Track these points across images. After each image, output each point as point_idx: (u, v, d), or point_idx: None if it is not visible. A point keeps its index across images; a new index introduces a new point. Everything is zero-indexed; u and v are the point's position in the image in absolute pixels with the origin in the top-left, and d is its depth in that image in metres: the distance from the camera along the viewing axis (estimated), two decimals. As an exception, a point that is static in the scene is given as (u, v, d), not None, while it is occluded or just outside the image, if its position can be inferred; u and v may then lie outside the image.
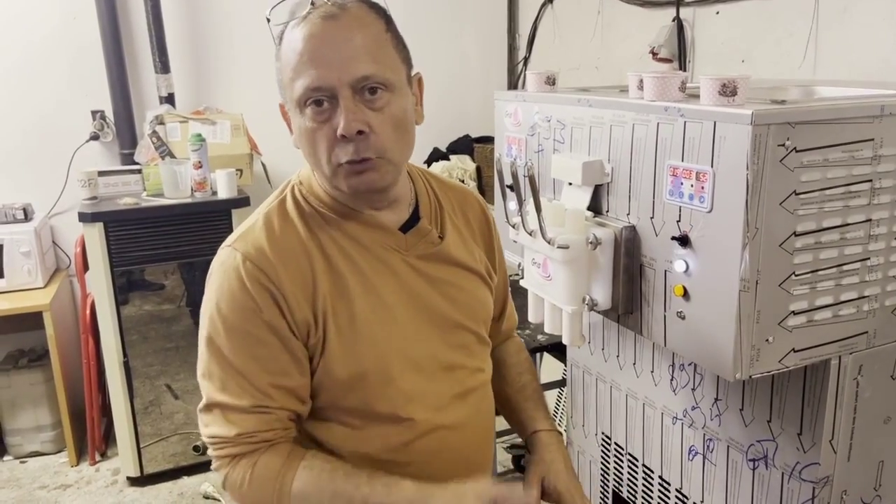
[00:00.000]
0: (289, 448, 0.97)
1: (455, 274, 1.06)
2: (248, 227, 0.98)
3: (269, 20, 0.93)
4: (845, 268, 1.10)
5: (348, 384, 0.97)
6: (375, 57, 0.90)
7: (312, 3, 0.90)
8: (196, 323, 2.60)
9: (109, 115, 2.91)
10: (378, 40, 0.91)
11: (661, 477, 1.53)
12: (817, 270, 1.07)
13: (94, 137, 2.92)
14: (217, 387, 0.95)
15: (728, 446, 1.34)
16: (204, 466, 2.73)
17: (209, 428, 0.97)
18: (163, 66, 2.88)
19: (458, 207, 1.12)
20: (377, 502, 0.92)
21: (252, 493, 0.95)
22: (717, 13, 2.19)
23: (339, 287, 0.96)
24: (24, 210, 2.75)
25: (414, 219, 1.04)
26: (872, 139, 1.06)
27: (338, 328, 0.95)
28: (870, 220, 1.09)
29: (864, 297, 1.13)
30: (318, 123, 0.90)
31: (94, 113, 2.91)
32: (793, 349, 1.09)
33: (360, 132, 0.89)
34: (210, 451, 0.98)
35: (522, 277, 1.40)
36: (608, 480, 1.70)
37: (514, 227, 1.32)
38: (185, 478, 2.71)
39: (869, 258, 1.11)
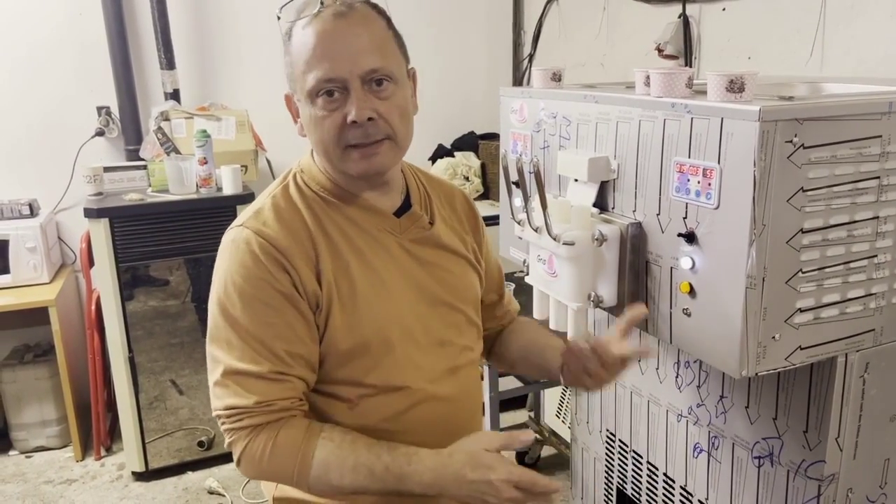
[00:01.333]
0: (307, 421, 1.01)
1: (444, 258, 1.13)
2: (256, 209, 1.04)
3: (279, 17, 1.00)
4: (852, 265, 1.09)
5: (349, 355, 1.03)
6: (382, 51, 0.98)
7: (322, 3, 0.97)
8: (201, 318, 2.61)
9: (115, 111, 2.91)
10: (383, 37, 1.00)
11: (665, 474, 1.53)
12: (824, 268, 1.07)
13: (100, 133, 2.92)
14: (235, 356, 0.98)
15: (733, 444, 1.33)
16: (209, 462, 2.74)
17: (224, 399, 0.98)
18: (168, 62, 2.89)
19: (446, 199, 1.20)
20: (398, 470, 0.96)
21: (273, 465, 0.97)
22: (724, 10, 2.18)
23: (341, 265, 1.02)
24: (30, 206, 2.75)
25: (406, 206, 1.11)
26: (880, 136, 1.05)
27: (341, 302, 1.01)
28: (877, 217, 1.09)
29: (871, 294, 1.12)
30: (328, 112, 0.97)
31: (99, 109, 2.91)
32: (799, 346, 1.08)
33: (369, 119, 0.97)
34: (225, 425, 0.99)
35: (527, 274, 1.40)
36: (612, 478, 1.70)
37: (519, 223, 1.32)
38: (190, 473, 2.72)
39: (876, 255, 1.11)
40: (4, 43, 2.78)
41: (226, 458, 2.76)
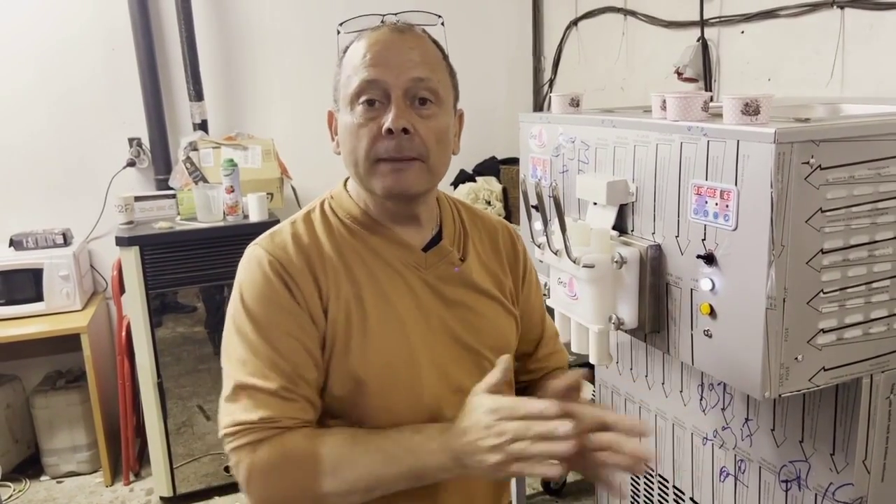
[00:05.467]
0: (308, 428, 0.95)
1: (474, 299, 1.05)
2: (275, 230, 1.02)
3: (339, 32, 1.01)
4: (874, 285, 1.09)
5: (351, 393, 0.97)
6: (430, 68, 0.96)
7: (382, 21, 0.99)
8: (228, 344, 2.65)
9: (146, 142, 2.99)
10: (435, 58, 0.99)
11: (692, 499, 1.51)
12: (846, 288, 1.07)
13: (131, 164, 3.00)
14: (247, 371, 0.94)
15: (760, 467, 1.32)
16: (235, 487, 2.76)
17: (232, 416, 0.94)
18: (197, 94, 2.97)
19: (487, 236, 1.12)
20: (407, 442, 0.91)
21: (283, 475, 0.91)
22: (742, 32, 2.19)
23: (355, 295, 0.98)
24: (64, 235, 2.83)
25: (435, 240, 1.05)
26: (899, 156, 1.05)
27: (347, 336, 0.96)
28: (899, 236, 1.09)
29: (894, 314, 1.11)
30: (365, 120, 0.94)
31: (130, 140, 3.00)
32: (823, 367, 1.08)
33: (405, 130, 0.92)
34: (230, 443, 0.94)
35: (548, 297, 1.41)
36: (638, 502, 1.68)
37: (539, 246, 1.34)
38: (217, 498, 2.74)
39: (899, 275, 1.10)
40: (42, 77, 2.88)
41: (252, 483, 2.77)
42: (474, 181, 3.26)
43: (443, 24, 1.06)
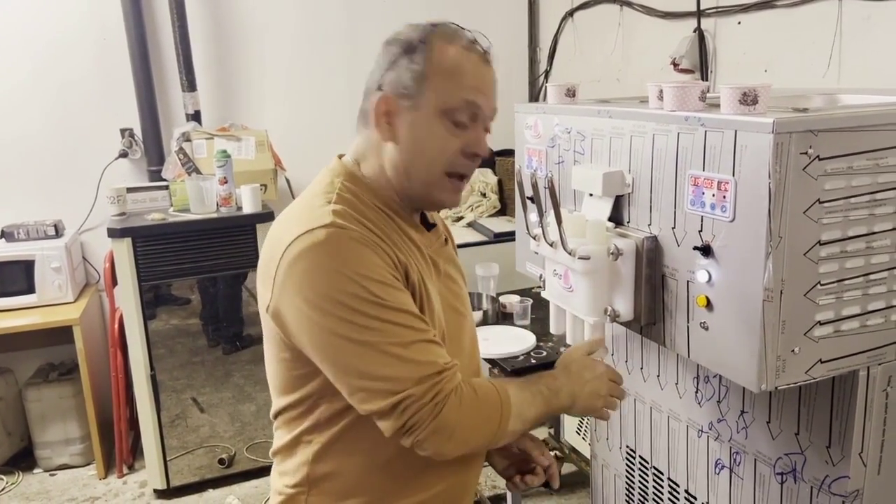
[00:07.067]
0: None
1: (454, 271, 1.20)
2: (329, 210, 0.99)
3: (428, 31, 1.04)
4: (872, 277, 1.08)
5: None
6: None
7: (473, 41, 1.06)
8: (221, 337, 2.64)
9: (138, 132, 2.97)
10: None
11: (686, 491, 1.51)
12: (843, 280, 1.06)
13: (123, 155, 2.98)
14: (400, 328, 0.96)
15: (755, 459, 1.32)
16: (229, 479, 2.75)
17: (438, 359, 0.98)
18: (189, 84, 2.94)
19: (436, 218, 1.27)
20: (552, 389, 1.10)
21: (485, 409, 1.02)
22: (739, 23, 2.18)
23: (412, 269, 1.04)
24: (55, 226, 2.81)
25: (425, 221, 1.16)
26: (898, 146, 1.04)
27: (420, 306, 1.03)
28: (896, 228, 1.08)
29: (892, 306, 1.11)
30: (451, 135, 1.03)
31: (123, 131, 2.98)
32: (820, 360, 1.07)
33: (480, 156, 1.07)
34: (441, 383, 0.96)
35: (544, 289, 1.40)
36: (633, 495, 1.68)
37: (534, 238, 1.32)
38: (211, 490, 2.74)
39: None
40: (34, 68, 2.85)
41: (246, 475, 2.77)
42: (469, 173, 3.24)
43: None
